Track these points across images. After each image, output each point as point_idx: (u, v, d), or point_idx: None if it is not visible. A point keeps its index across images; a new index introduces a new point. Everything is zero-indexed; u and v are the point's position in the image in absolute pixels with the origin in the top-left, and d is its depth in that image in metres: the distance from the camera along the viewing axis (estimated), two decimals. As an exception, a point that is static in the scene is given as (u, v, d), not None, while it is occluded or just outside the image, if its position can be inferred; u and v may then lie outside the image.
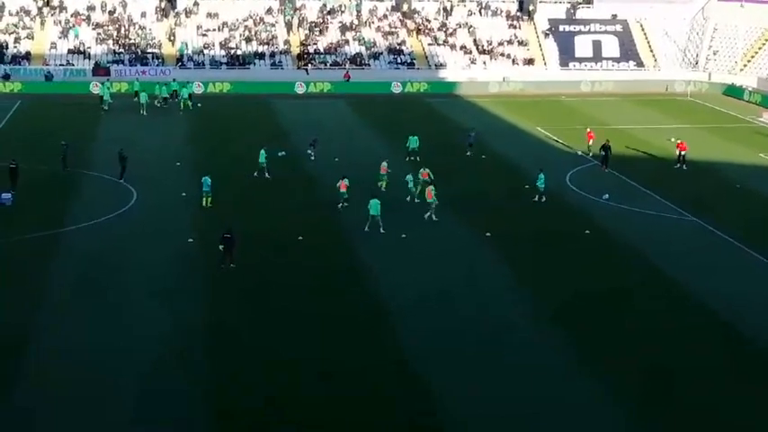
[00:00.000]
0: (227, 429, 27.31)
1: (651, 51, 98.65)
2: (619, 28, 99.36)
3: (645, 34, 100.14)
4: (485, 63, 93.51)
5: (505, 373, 30.96)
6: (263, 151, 54.85)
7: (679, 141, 60.31)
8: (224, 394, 29.13)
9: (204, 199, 48.36)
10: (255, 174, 54.51)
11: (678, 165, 59.00)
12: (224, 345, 32.64)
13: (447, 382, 30.13)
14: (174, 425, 27.44)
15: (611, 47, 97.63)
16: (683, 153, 59.24)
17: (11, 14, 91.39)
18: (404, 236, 44.42)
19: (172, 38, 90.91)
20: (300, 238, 43.62)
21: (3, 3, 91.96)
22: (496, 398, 29.28)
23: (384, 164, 51.35)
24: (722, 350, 33.42)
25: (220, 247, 39.45)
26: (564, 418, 28.30)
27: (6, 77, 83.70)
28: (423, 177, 50.36)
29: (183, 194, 50.38)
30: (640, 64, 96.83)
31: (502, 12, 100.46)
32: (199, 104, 76.74)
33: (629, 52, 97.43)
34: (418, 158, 56.70)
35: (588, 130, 63.95)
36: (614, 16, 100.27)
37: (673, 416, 28.50)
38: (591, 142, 62.51)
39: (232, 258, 39.45)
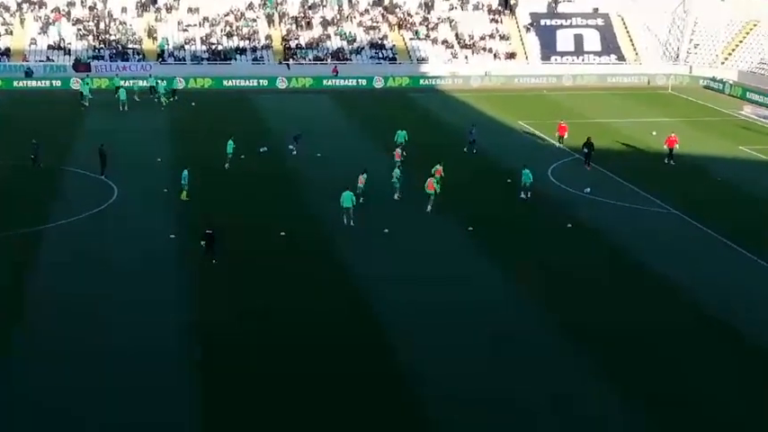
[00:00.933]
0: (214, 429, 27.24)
1: (632, 45, 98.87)
2: (600, 22, 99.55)
3: (626, 28, 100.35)
4: (466, 57, 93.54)
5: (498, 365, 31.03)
6: (230, 141, 55.41)
7: (671, 136, 59.92)
8: (211, 392, 29.01)
9: (182, 192, 48.27)
10: (226, 165, 54.83)
11: (668, 160, 58.97)
12: (208, 340, 32.49)
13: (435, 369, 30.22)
14: (160, 427, 27.30)
15: (592, 41, 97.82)
16: (671, 148, 59.06)
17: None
18: (386, 230, 44.41)
19: (153, 33, 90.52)
20: (283, 233, 43.52)
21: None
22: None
23: (362, 176, 50.23)
24: (707, 338, 33.66)
25: (202, 243, 39.35)
26: (557, 403, 28.38)
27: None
28: (437, 175, 50.07)
29: (165, 190, 50.20)
30: (622, 58, 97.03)
31: (483, 6, 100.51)
32: (193, 103, 76.15)
33: (610, 46, 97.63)
34: (405, 153, 56.61)
35: (560, 122, 64.15)
36: (596, 10, 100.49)
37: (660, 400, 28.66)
38: (565, 135, 62.75)
39: (213, 254, 39.35)
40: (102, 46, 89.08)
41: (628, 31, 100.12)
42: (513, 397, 29.13)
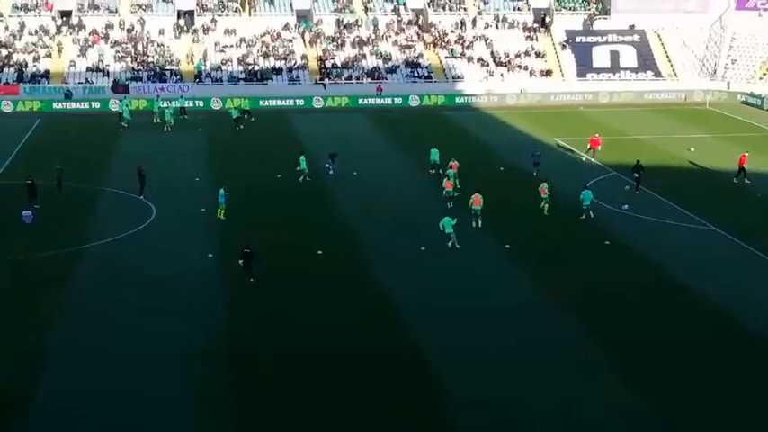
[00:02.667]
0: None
1: (669, 61, 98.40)
2: (636, 38, 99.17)
3: (662, 44, 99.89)
4: (502, 75, 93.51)
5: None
6: (302, 157, 57.26)
7: (744, 155, 59.10)
8: (245, 409, 29.15)
9: (219, 210, 48.65)
10: (301, 179, 56.27)
11: (737, 178, 58.40)
12: (244, 359, 32.66)
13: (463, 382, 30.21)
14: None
15: (628, 57, 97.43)
16: (742, 166, 58.42)
17: (30, 34, 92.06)
18: (423, 249, 44.44)
19: (191, 55, 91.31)
20: (320, 252, 43.67)
21: (23, 22, 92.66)
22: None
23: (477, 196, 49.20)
24: (731, 346, 33.44)
25: (239, 261, 39.58)
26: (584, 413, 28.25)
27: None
28: (451, 170, 51.10)
29: (203, 210, 50.53)
30: (658, 74, 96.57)
31: (519, 24, 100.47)
32: (200, 129, 75.13)
33: (646, 62, 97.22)
34: (441, 171, 56.73)
35: (593, 136, 64.16)
36: (632, 27, 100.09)
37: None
38: (598, 148, 62.70)
39: (252, 272, 39.55)
40: (140, 68, 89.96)
41: (664, 48, 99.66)
42: (533, 401, 29.10)
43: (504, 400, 29.89)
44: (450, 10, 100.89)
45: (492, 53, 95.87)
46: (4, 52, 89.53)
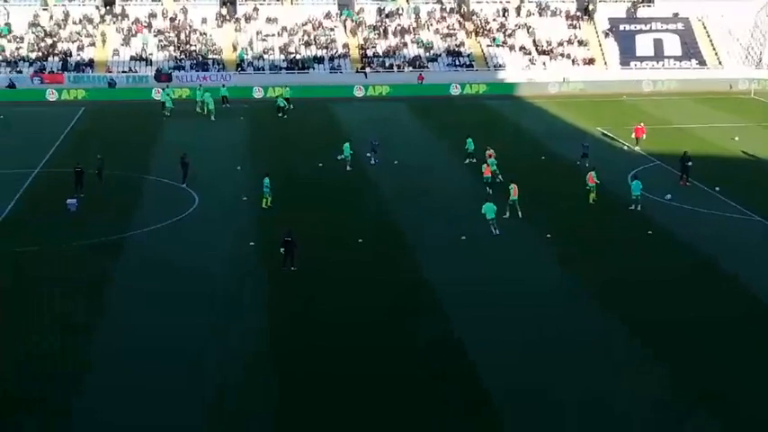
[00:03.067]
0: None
1: (714, 49, 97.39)
2: (680, 26, 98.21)
3: (707, 32, 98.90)
4: (544, 64, 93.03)
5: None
6: (347, 145, 57.75)
7: None
8: (287, 400, 29.30)
9: (264, 199, 48.83)
10: (348, 167, 56.85)
11: None
12: (285, 349, 32.78)
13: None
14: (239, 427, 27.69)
15: (672, 45, 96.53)
16: None
17: (74, 23, 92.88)
18: (463, 237, 44.37)
19: (236, 43, 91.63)
20: (360, 240, 43.74)
21: (67, 11, 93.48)
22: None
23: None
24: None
25: (281, 249, 39.73)
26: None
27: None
28: (489, 158, 53.31)
29: (245, 198, 50.78)
30: (703, 62, 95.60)
31: (561, 12, 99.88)
32: (242, 118, 75.47)
33: (691, 51, 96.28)
34: (474, 160, 56.64)
35: (638, 125, 63.72)
36: (675, 14, 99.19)
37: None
38: (642, 137, 62.29)
39: (293, 261, 39.69)
40: (182, 56, 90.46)
41: (709, 36, 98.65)
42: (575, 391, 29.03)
43: (539, 389, 29.81)
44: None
45: (534, 41, 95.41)
46: (49, 41, 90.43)
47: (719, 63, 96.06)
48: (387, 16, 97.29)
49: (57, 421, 27.92)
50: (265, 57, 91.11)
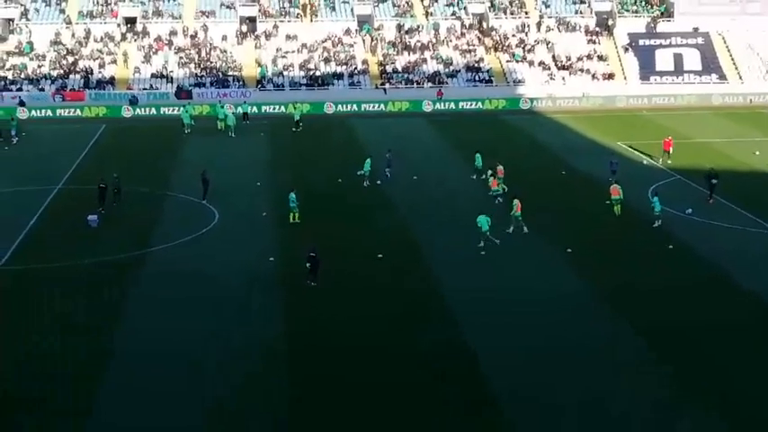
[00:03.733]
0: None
1: (734, 64, 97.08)
2: (700, 41, 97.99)
3: (727, 47, 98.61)
4: (564, 79, 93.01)
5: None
6: (368, 160, 57.75)
7: None
8: (301, 414, 29.37)
9: (291, 214, 49.04)
10: (365, 183, 56.96)
11: None
12: (302, 364, 32.88)
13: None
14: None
15: (692, 60, 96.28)
16: None
17: (96, 41, 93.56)
18: (483, 253, 44.39)
19: (260, 60, 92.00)
20: (380, 255, 43.79)
21: (89, 29, 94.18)
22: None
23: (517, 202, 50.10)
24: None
25: (307, 265, 39.90)
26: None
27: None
28: (499, 175, 53.97)
29: (264, 214, 50.96)
30: (723, 77, 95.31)
31: (581, 27, 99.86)
32: (262, 134, 75.42)
33: (711, 65, 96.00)
34: (483, 176, 56.73)
35: (666, 138, 63.67)
36: (695, 29, 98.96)
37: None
38: (670, 150, 62.15)
39: (315, 277, 39.78)
40: (203, 73, 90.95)
41: (729, 50, 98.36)
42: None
43: (542, 391, 30.15)
44: (512, 14, 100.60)
45: (554, 56, 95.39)
46: (71, 59, 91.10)
47: (740, 78, 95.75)
48: (406, 32, 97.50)
49: (57, 421, 28.35)
50: (285, 73, 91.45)
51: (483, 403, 29.75)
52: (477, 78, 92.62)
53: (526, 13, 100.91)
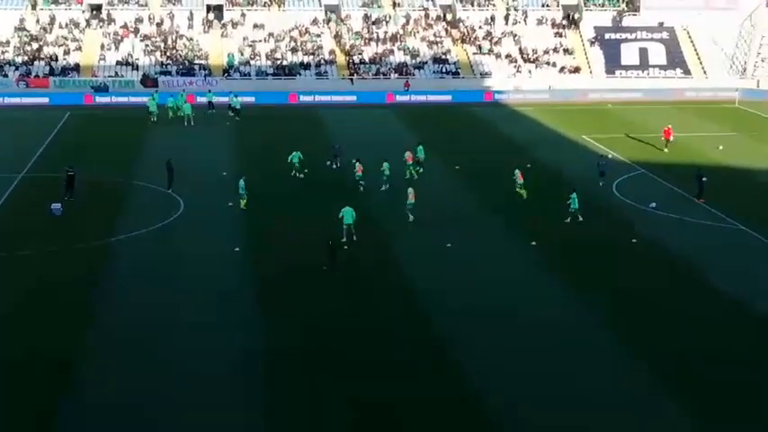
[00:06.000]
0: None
1: (698, 59, 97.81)
2: (665, 35, 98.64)
3: (692, 41, 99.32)
4: (530, 72, 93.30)
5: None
6: (296, 153, 57.41)
7: None
8: (276, 404, 29.41)
9: (240, 201, 49.21)
10: (292, 173, 56.63)
11: None
12: (274, 351, 32.99)
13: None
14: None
15: (657, 54, 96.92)
16: None
17: (61, 27, 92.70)
18: (449, 245, 44.54)
19: (223, 49, 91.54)
20: (346, 247, 43.71)
21: (53, 15, 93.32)
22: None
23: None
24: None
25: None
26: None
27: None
28: (408, 161, 56.32)
29: (230, 204, 50.79)
30: (687, 71, 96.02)
31: (547, 20, 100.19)
32: (228, 123, 75.12)
33: (676, 60, 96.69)
34: (421, 170, 56.80)
35: (666, 127, 65.66)
36: (661, 24, 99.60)
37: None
38: (671, 138, 63.61)
39: (335, 266, 40.43)
40: (169, 62, 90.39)
41: (694, 45, 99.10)
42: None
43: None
44: (479, 6, 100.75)
45: (520, 49, 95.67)
46: (35, 45, 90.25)
47: (704, 72, 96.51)
48: (374, 23, 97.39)
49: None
50: (252, 62, 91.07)
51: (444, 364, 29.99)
52: (443, 70, 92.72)
53: (493, 5, 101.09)
